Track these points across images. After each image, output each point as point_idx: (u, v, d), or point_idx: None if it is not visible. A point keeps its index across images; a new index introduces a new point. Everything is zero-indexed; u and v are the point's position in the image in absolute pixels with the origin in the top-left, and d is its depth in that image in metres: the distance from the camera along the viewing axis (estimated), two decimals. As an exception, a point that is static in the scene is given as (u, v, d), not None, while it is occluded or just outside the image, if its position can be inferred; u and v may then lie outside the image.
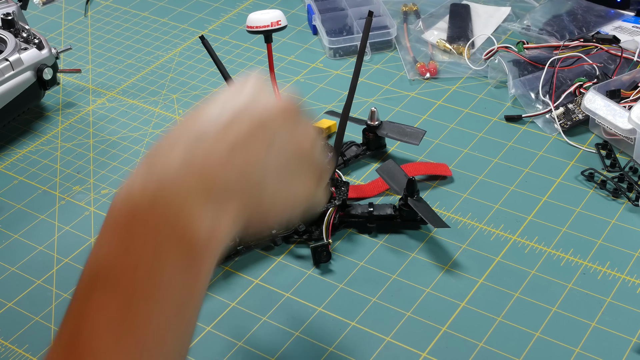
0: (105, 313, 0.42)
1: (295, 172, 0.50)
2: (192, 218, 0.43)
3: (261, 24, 0.92)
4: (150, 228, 0.43)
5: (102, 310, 0.42)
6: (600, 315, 0.68)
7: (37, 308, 0.73)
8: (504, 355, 0.65)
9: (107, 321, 0.41)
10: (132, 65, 1.07)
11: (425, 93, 0.97)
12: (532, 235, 0.76)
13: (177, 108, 0.98)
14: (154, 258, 0.43)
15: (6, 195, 0.86)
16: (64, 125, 0.96)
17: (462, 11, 1.09)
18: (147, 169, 0.46)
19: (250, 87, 0.49)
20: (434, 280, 0.73)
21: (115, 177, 0.87)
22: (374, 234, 0.78)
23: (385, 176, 0.80)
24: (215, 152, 0.45)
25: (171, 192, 0.44)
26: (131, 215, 0.43)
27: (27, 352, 0.69)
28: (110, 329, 0.41)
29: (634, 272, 0.72)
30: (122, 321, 0.42)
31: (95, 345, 0.41)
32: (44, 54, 0.93)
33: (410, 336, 0.68)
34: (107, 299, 0.42)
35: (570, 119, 0.88)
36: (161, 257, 0.43)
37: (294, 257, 0.76)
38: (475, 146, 0.88)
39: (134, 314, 0.42)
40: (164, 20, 1.16)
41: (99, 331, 0.41)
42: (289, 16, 1.12)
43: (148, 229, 0.43)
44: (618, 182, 0.81)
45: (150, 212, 0.43)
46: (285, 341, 0.68)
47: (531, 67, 0.95)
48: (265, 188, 0.48)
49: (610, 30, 1.03)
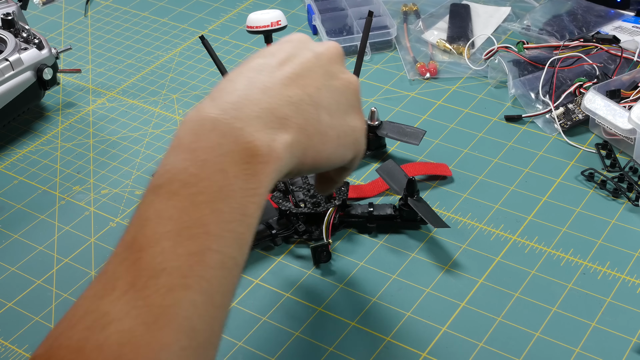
0: (167, 217, 0.43)
1: (345, 108, 0.54)
2: (252, 136, 0.46)
3: (261, 24, 0.92)
4: (213, 142, 0.45)
5: (164, 214, 0.43)
6: (600, 315, 0.68)
7: (37, 308, 0.73)
8: (504, 355, 0.65)
9: (167, 225, 0.43)
10: (132, 65, 1.07)
11: (425, 93, 0.97)
12: (532, 235, 0.76)
13: (177, 108, 0.98)
14: (216, 166, 0.45)
15: (6, 195, 0.86)
16: (64, 125, 0.96)
17: (462, 11, 1.09)
18: (211, 99, 0.48)
19: (299, 36, 0.55)
20: (434, 280, 0.73)
21: (115, 177, 0.87)
22: (374, 234, 0.78)
23: (385, 176, 0.80)
24: (272, 84, 0.49)
25: (232, 115, 0.46)
26: (195, 135, 0.46)
27: (27, 352, 0.69)
28: (170, 232, 0.43)
29: (634, 272, 0.72)
30: (182, 226, 0.43)
31: (155, 247, 0.42)
32: (44, 54, 0.93)
33: (410, 336, 0.68)
34: (169, 204, 0.44)
35: (570, 119, 0.88)
36: (223, 165, 0.45)
37: (294, 257, 0.76)
38: (475, 146, 0.88)
39: (195, 219, 0.43)
40: (164, 20, 1.16)
41: (159, 235, 0.43)
42: (289, 16, 1.12)
43: (211, 144, 0.45)
44: (618, 182, 0.81)
45: (214, 131, 0.46)
46: (285, 341, 0.68)
47: (531, 67, 0.95)
48: (319, 121, 0.51)
49: (610, 30, 1.03)
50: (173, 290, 0.42)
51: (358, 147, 0.56)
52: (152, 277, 0.42)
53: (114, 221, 0.82)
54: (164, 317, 0.41)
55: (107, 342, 0.40)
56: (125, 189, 0.86)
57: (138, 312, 0.41)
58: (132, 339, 0.40)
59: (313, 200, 0.76)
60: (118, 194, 0.85)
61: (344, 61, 0.56)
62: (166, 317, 0.41)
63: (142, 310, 0.41)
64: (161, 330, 0.41)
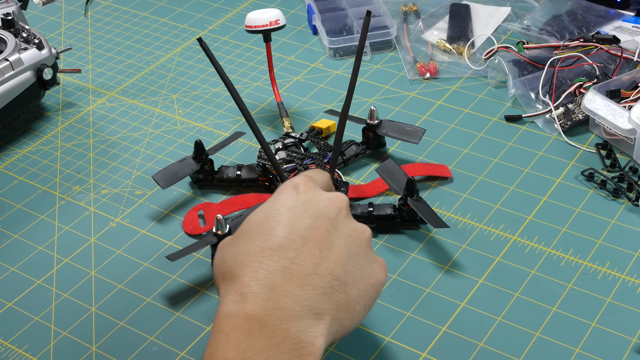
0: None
1: (364, 264, 0.57)
2: (298, 337, 0.50)
3: (260, 24, 0.92)
4: (263, 343, 0.49)
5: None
6: (600, 315, 0.68)
7: (37, 308, 0.73)
8: (504, 355, 0.65)
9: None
10: (132, 65, 1.07)
11: (425, 93, 0.97)
12: (532, 235, 0.76)
13: (177, 108, 0.98)
14: (269, 357, 0.49)
15: (6, 195, 0.86)
16: (64, 125, 0.96)
17: (462, 11, 1.09)
18: (254, 284, 0.52)
19: (303, 190, 0.58)
20: (434, 280, 0.73)
21: (115, 177, 0.87)
22: (374, 234, 0.78)
23: (385, 176, 0.80)
24: (306, 276, 0.53)
25: (278, 316, 0.51)
26: (244, 334, 0.50)
27: (27, 352, 0.69)
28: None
29: (634, 272, 0.72)
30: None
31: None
32: (44, 54, 0.93)
33: (410, 336, 0.68)
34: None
35: (570, 119, 0.88)
36: (275, 356, 0.49)
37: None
38: (475, 146, 0.88)
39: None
40: (164, 20, 1.16)
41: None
42: (288, 16, 1.12)
43: (261, 344, 0.49)
44: (618, 182, 0.81)
45: (262, 331, 0.50)
46: (285, 341, 0.68)
47: (531, 67, 0.95)
48: (348, 302, 0.55)
49: (610, 30, 1.03)
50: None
51: (380, 290, 0.59)
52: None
53: (114, 221, 0.82)
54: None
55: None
56: (125, 189, 0.86)
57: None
58: None
59: (313, 200, 0.76)
60: (118, 194, 0.85)
61: (349, 210, 0.59)
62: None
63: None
64: None
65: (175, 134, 0.93)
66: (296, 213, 0.56)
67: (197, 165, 0.83)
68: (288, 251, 0.54)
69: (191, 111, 0.97)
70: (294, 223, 0.55)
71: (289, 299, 0.51)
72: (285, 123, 0.91)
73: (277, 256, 0.53)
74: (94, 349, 0.68)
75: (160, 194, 0.84)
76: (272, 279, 0.52)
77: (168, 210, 0.82)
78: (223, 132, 0.92)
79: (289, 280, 0.52)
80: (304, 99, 0.97)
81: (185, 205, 0.83)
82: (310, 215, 0.56)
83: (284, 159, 0.83)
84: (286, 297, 0.51)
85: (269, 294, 0.51)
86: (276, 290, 0.52)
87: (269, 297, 0.51)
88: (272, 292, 0.52)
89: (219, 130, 0.93)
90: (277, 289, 0.52)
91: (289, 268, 0.53)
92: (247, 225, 0.56)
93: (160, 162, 0.88)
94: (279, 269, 0.53)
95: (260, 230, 0.55)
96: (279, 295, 0.51)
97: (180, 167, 0.82)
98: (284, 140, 0.85)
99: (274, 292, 0.52)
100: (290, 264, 0.53)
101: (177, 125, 0.95)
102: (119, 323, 0.71)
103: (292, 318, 0.51)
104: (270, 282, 0.52)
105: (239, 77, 1.02)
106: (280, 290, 0.52)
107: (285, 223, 0.55)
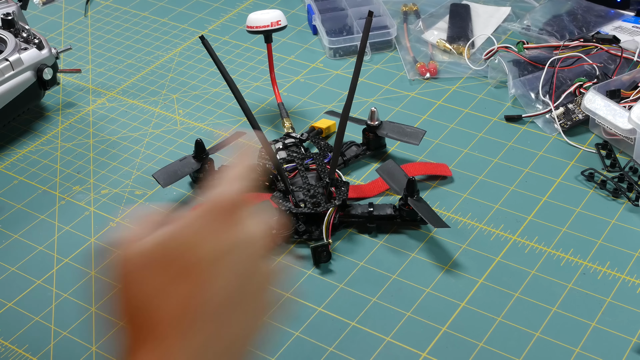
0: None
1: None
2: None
3: (261, 24, 0.92)
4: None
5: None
6: (600, 315, 0.68)
7: (37, 308, 0.73)
8: (504, 355, 0.65)
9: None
10: (132, 65, 1.07)
11: (425, 93, 0.97)
12: (532, 235, 0.76)
13: (177, 108, 0.98)
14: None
15: (6, 195, 0.86)
16: (64, 125, 0.96)
17: (462, 11, 1.09)
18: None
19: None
20: (434, 280, 0.73)
21: (115, 177, 0.87)
22: (374, 234, 0.78)
23: (385, 176, 0.80)
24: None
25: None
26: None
27: (27, 352, 0.69)
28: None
29: (634, 272, 0.72)
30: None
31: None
32: (44, 54, 0.93)
33: (410, 336, 0.68)
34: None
35: (570, 119, 0.88)
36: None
37: (294, 257, 0.76)
38: (475, 146, 0.88)
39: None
40: (164, 20, 1.16)
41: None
42: (289, 16, 1.12)
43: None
44: (618, 182, 0.81)
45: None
46: (285, 341, 0.68)
47: (531, 67, 0.95)
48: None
49: (610, 30, 1.03)
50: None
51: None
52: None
53: (114, 221, 0.82)
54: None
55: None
56: (125, 189, 0.86)
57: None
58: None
59: (313, 200, 0.76)
60: (118, 194, 0.85)
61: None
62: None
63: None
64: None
65: (175, 134, 0.93)
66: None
67: (197, 165, 0.83)
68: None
69: (191, 111, 0.97)
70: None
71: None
72: (285, 124, 0.91)
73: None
74: (94, 349, 0.68)
75: (160, 194, 0.84)
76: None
77: (168, 210, 0.82)
78: (223, 132, 0.92)
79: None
80: (304, 99, 0.97)
81: (185, 205, 0.83)
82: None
83: (284, 159, 0.83)
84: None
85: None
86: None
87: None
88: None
89: (219, 130, 0.93)
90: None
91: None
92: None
93: (160, 162, 0.88)
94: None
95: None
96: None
97: (181, 166, 0.82)
98: (285, 140, 0.85)
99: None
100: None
101: (177, 125, 0.95)
102: (119, 323, 0.70)
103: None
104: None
105: (239, 77, 1.02)
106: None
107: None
